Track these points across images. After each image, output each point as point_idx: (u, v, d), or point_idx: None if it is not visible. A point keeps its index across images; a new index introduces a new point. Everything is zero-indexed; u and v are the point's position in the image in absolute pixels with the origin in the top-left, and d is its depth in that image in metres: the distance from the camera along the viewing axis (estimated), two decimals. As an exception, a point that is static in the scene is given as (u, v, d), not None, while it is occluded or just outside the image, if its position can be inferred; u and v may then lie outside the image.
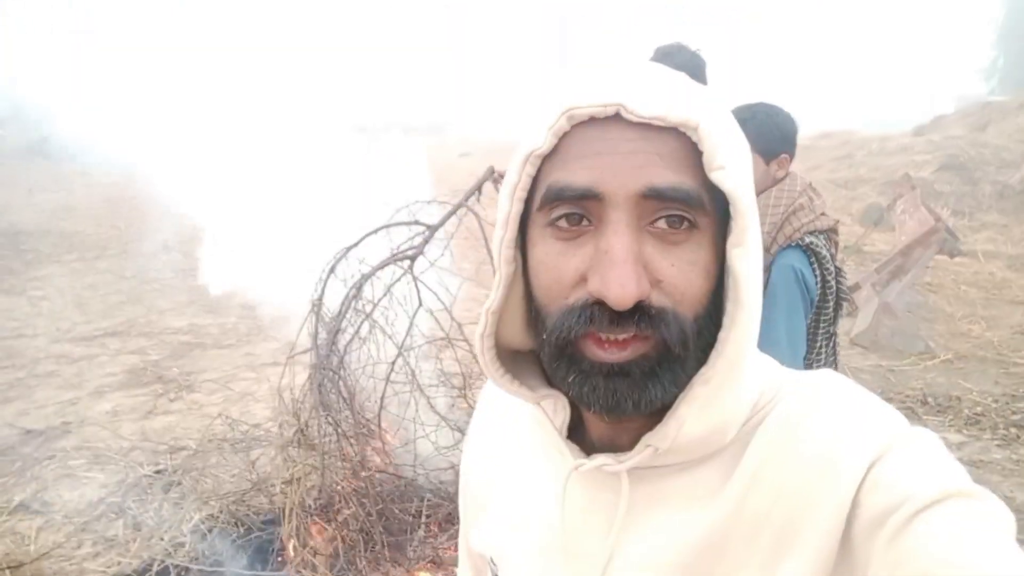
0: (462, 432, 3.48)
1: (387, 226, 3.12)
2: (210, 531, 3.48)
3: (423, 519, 3.12)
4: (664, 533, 0.62)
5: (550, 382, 0.66)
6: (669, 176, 0.54)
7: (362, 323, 3.00)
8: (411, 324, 3.16)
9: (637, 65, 0.59)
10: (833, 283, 2.05)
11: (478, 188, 3.31)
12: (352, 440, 2.93)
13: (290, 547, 3.11)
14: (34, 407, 4.97)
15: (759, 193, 2.16)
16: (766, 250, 2.04)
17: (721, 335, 0.58)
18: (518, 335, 0.67)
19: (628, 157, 0.55)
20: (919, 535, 0.50)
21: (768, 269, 2.04)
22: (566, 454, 0.66)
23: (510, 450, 0.78)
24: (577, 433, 0.68)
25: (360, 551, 2.82)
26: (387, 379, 3.16)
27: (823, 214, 2.09)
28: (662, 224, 0.55)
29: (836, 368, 2.18)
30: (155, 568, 3.22)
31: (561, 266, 0.57)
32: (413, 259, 3.09)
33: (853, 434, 0.58)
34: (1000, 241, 8.92)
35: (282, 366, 5.62)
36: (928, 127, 14.15)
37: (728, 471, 0.61)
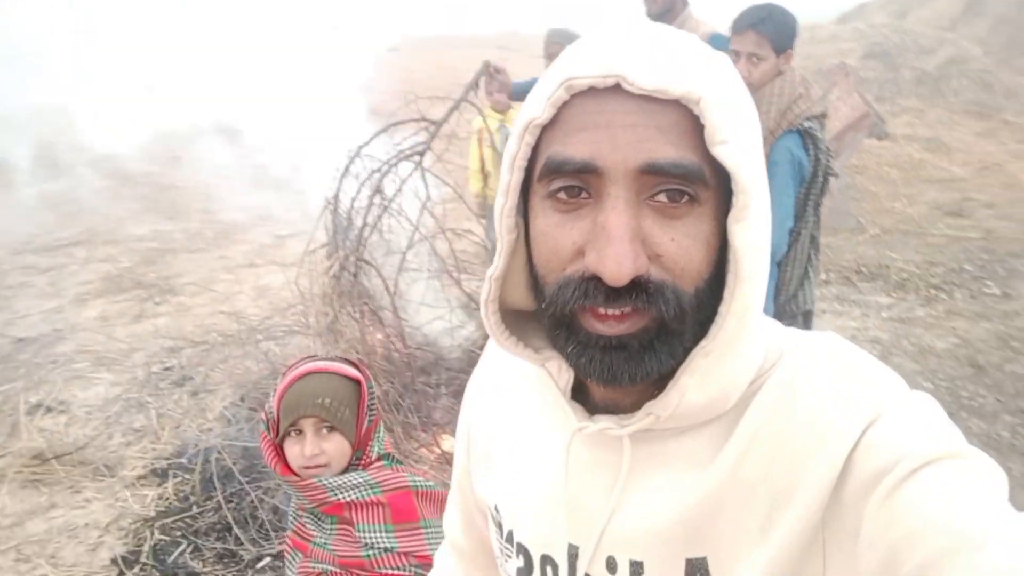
0: (470, 310, 3.81)
1: (396, 123, 3.28)
2: (234, 416, 3.76)
3: (443, 389, 3.48)
4: (664, 493, 0.64)
5: (552, 343, 0.67)
6: (669, 151, 0.53)
7: (381, 216, 3.21)
8: (420, 213, 3.36)
9: (640, 33, 0.57)
10: (824, 160, 2.42)
11: (476, 82, 3.49)
12: (381, 324, 3.20)
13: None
14: (18, 317, 5.01)
15: (766, 83, 2.47)
16: (771, 133, 2.37)
17: (721, 308, 0.58)
18: (523, 297, 0.67)
19: (627, 131, 0.54)
20: (911, 495, 0.51)
21: (771, 150, 2.38)
22: (570, 415, 0.67)
23: (515, 405, 0.80)
24: (581, 392, 0.69)
25: (395, 418, 3.16)
26: (399, 268, 3.40)
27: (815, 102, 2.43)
28: (662, 197, 0.55)
29: (819, 230, 2.57)
30: (190, 451, 3.49)
31: (560, 238, 0.57)
32: (422, 154, 3.27)
33: (849, 397, 0.58)
34: (917, 124, 9.54)
35: (258, 267, 5.78)
36: (852, 14, 14.60)
37: (727, 435, 0.62)
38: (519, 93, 3.59)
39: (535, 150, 0.59)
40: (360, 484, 1.49)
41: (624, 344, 0.57)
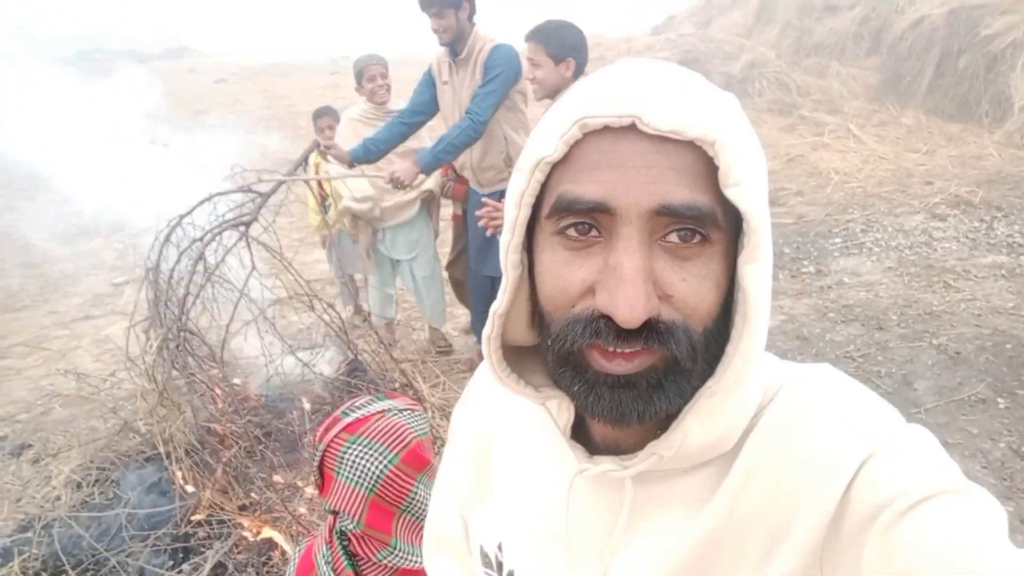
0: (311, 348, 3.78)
1: (221, 193, 3.21)
2: (85, 480, 3.50)
3: (307, 424, 3.41)
4: (665, 534, 0.63)
5: (556, 381, 0.65)
6: (683, 193, 0.53)
7: (204, 285, 3.12)
8: (248, 276, 3.28)
9: (655, 73, 0.57)
10: None
11: (304, 159, 3.54)
12: (220, 386, 3.11)
13: (179, 477, 3.26)
14: None
15: (552, 89, 2.85)
16: None
17: (729, 348, 0.58)
18: (524, 333, 0.67)
19: (641, 171, 0.53)
20: (911, 530, 0.51)
21: None
22: (570, 455, 0.66)
23: (511, 440, 0.79)
24: (580, 430, 0.68)
25: (253, 472, 3.08)
26: (228, 327, 3.30)
27: None
28: (674, 238, 0.55)
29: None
30: (38, 525, 3.21)
31: (568, 275, 0.57)
32: (248, 224, 3.22)
33: (846, 431, 0.58)
34: (730, 124, 10.44)
35: (96, 319, 5.41)
36: (663, 27, 15.72)
37: (725, 472, 0.62)
38: (357, 157, 3.69)
39: (543, 185, 0.59)
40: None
41: (633, 382, 0.56)
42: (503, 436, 0.80)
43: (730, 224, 0.56)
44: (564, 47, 3.02)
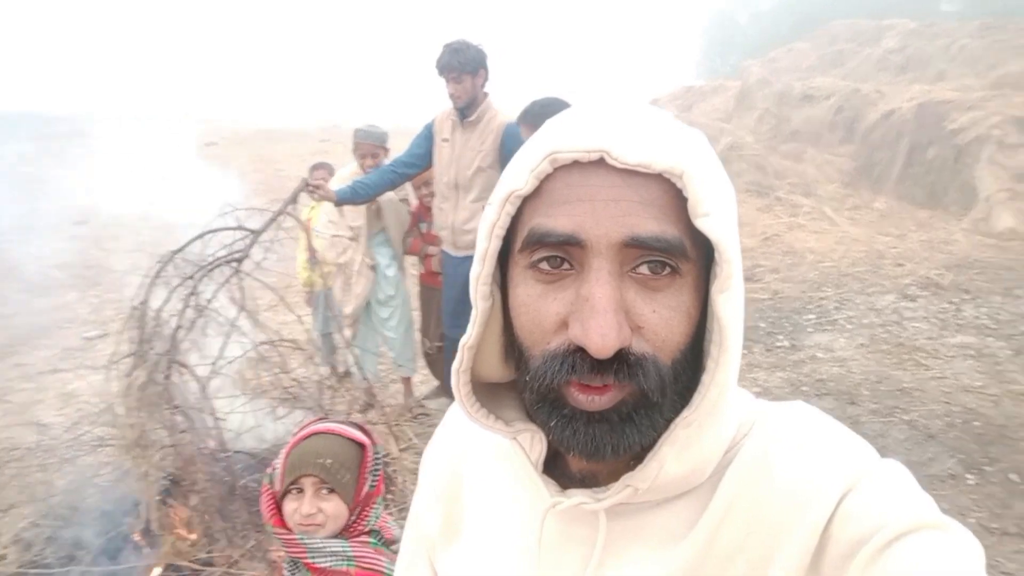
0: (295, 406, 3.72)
1: (214, 231, 3.23)
2: (35, 538, 3.36)
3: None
4: (640, 568, 0.62)
5: (528, 415, 0.65)
6: (652, 225, 0.54)
7: (196, 319, 3.10)
8: (239, 313, 3.26)
9: (623, 109, 0.59)
10: None
11: (295, 197, 3.59)
12: (196, 429, 3.04)
13: (136, 537, 3.15)
14: None
15: None
16: None
17: (705, 378, 0.58)
18: (495, 368, 0.66)
19: (610, 204, 0.54)
20: (891, 565, 0.51)
21: None
22: (542, 489, 0.66)
23: (482, 476, 0.77)
24: (553, 465, 0.68)
25: (219, 528, 2.98)
26: (213, 365, 3.26)
27: None
28: (644, 270, 0.55)
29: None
30: (-20, 586, 3.07)
31: (542, 309, 0.57)
32: (240, 261, 3.24)
33: (823, 466, 0.58)
34: (709, 203, 10.70)
35: (63, 372, 5.31)
36: (646, 109, 16.29)
37: (703, 506, 0.61)
38: (344, 198, 3.76)
39: (515, 219, 0.60)
40: (337, 552, 1.51)
41: (606, 417, 0.57)
42: (473, 476, 0.78)
43: (700, 256, 0.58)
44: None
